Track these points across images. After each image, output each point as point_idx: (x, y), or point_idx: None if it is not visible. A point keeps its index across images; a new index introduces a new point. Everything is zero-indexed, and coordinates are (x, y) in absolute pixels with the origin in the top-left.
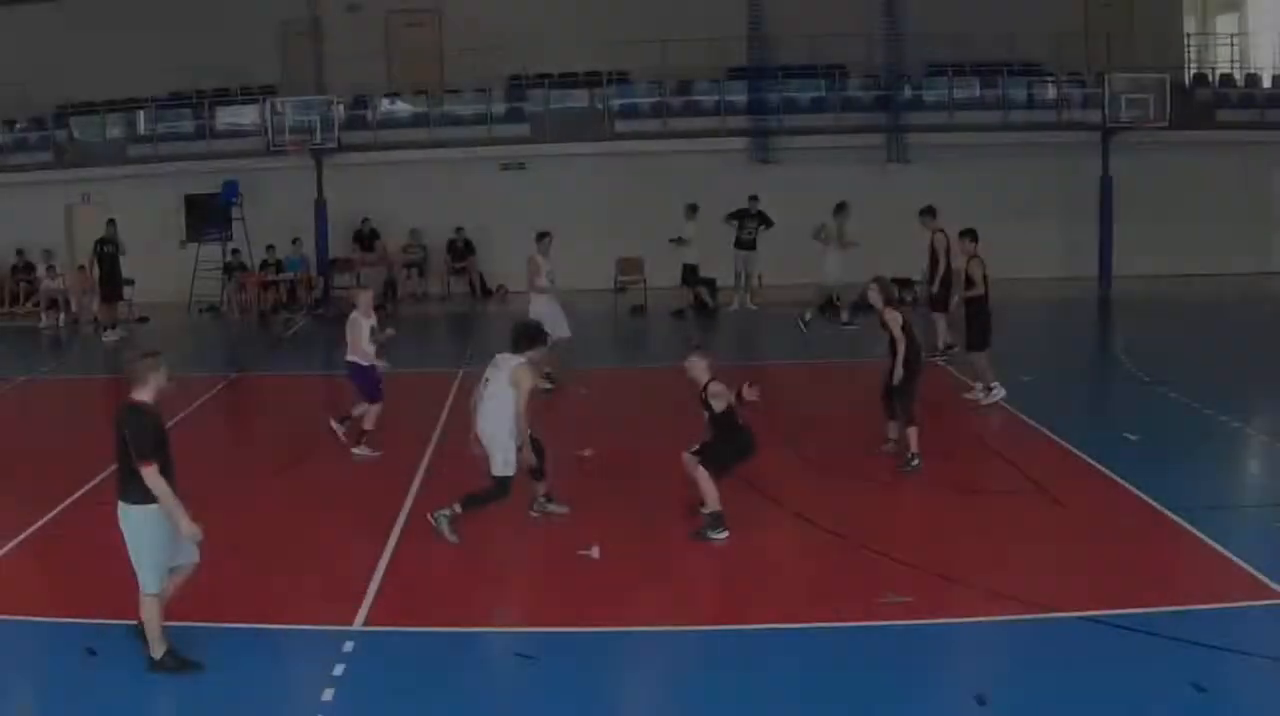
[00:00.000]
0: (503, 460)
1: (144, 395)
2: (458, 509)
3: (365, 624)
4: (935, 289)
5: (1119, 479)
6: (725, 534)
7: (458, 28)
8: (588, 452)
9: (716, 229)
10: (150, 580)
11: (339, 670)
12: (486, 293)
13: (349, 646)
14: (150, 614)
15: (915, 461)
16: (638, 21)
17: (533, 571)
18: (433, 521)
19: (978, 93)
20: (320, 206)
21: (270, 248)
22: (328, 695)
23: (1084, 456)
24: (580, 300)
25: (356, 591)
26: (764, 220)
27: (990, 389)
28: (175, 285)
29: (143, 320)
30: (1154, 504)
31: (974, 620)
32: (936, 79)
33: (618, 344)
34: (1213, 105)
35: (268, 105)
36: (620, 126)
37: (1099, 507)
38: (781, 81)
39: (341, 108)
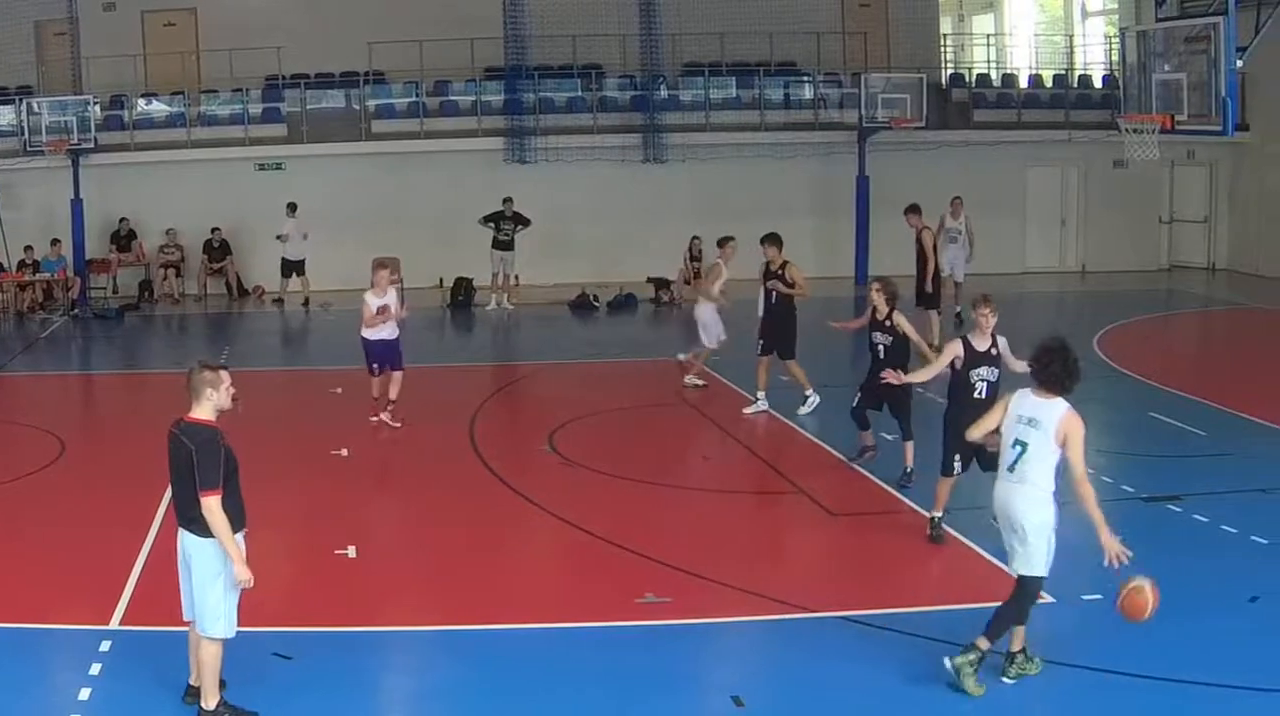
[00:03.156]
0: (1036, 551)
1: (203, 414)
2: (984, 645)
3: (122, 623)
4: (928, 287)
5: (877, 480)
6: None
7: (214, 28)
8: (344, 454)
9: (474, 229)
10: (227, 625)
11: (95, 669)
12: (243, 293)
13: (106, 645)
14: (217, 662)
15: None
16: (394, 22)
17: (291, 571)
18: (953, 670)
19: (734, 93)
20: (76, 207)
21: (28, 248)
22: (84, 694)
23: (841, 456)
24: (338, 301)
25: (113, 590)
26: (520, 221)
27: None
28: None
29: None
30: (912, 504)
31: (732, 620)
32: (693, 79)
33: None
34: (970, 105)
35: (24, 106)
36: (377, 127)
37: (857, 508)
38: (538, 82)
39: (98, 108)
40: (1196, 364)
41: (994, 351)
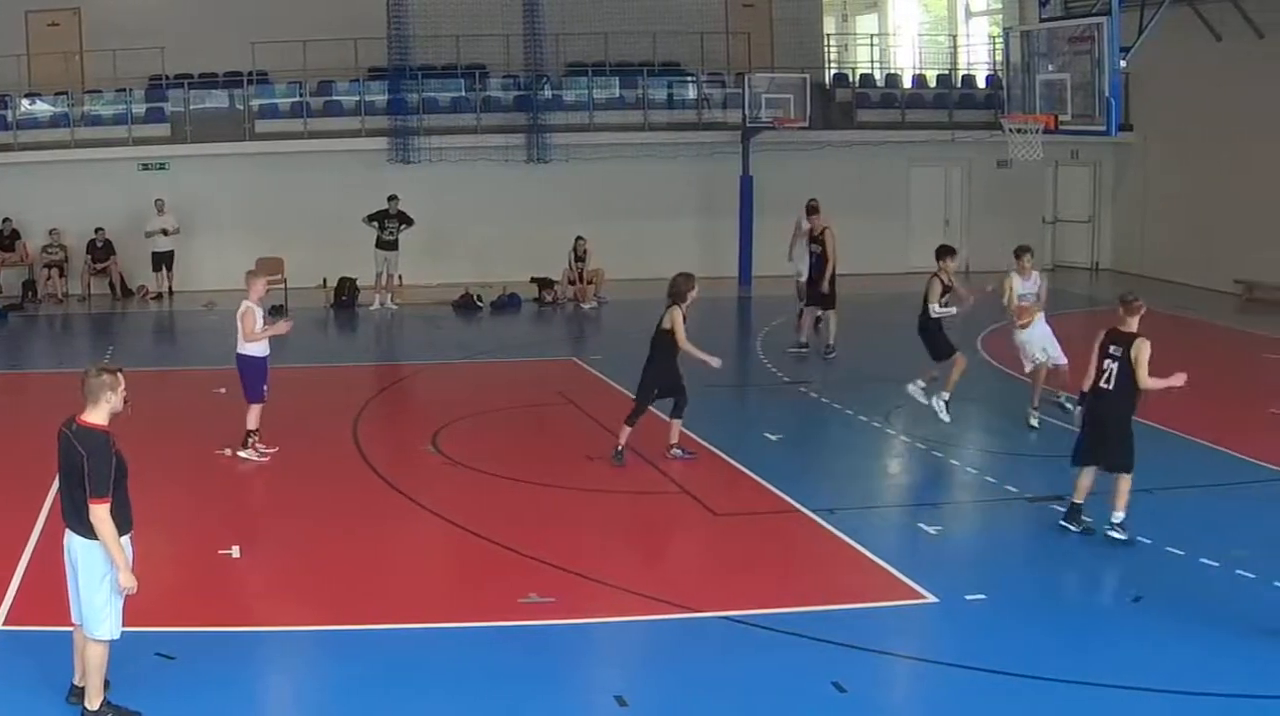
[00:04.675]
0: None
1: (97, 418)
2: None
3: (5, 622)
4: (825, 288)
5: (760, 479)
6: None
7: (98, 27)
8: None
9: (358, 229)
10: (112, 626)
11: None
12: (127, 293)
13: None
14: (102, 663)
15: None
16: (278, 22)
17: (176, 571)
18: None
19: (618, 93)
20: None
21: None
22: None
23: (725, 457)
24: (222, 301)
25: None
26: (404, 219)
27: None
28: None
29: None
30: (795, 504)
31: (615, 620)
32: (577, 79)
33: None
34: (853, 105)
35: None
36: (261, 127)
37: (741, 508)
38: (421, 82)
39: None
40: (1080, 364)
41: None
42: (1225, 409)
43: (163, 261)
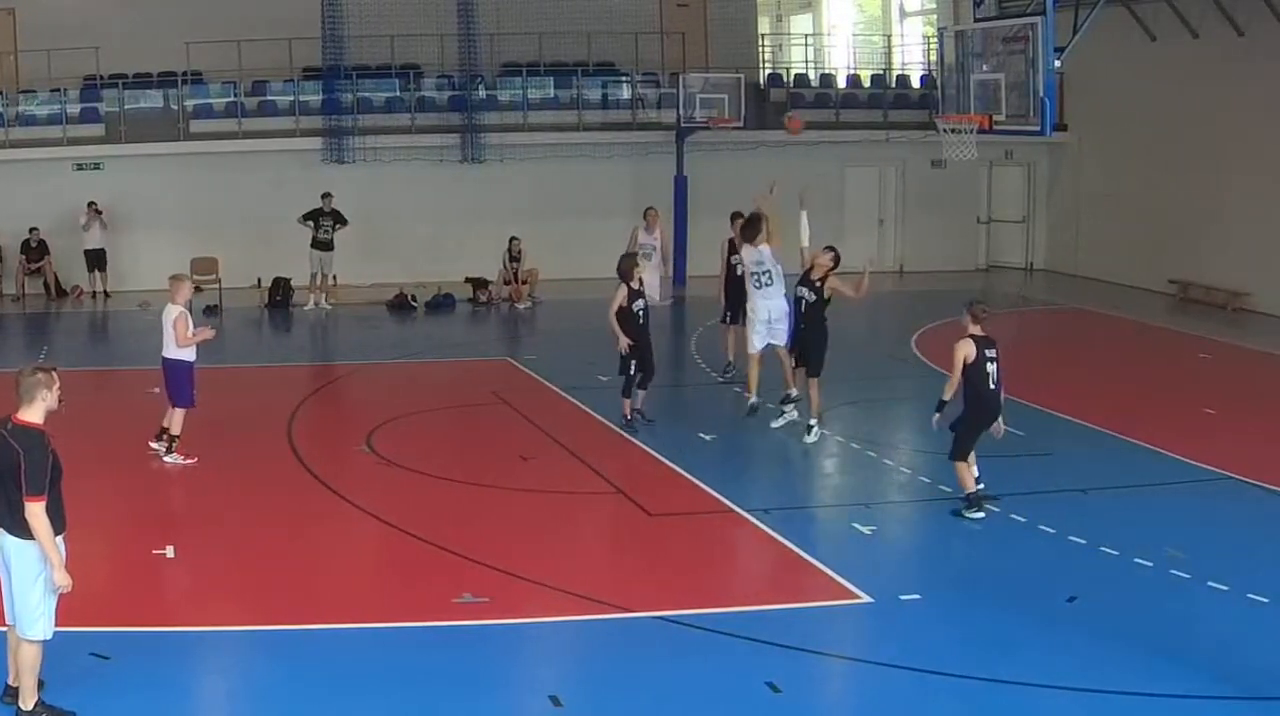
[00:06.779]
0: None
1: (33, 416)
2: None
3: None
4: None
5: (695, 479)
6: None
7: (32, 27)
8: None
9: (292, 229)
10: (45, 626)
11: None
12: (61, 292)
13: None
14: (35, 663)
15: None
16: (212, 22)
17: (110, 570)
18: None
19: (552, 93)
20: None
21: None
22: None
23: (660, 457)
24: (157, 301)
25: None
26: (338, 219)
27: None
28: None
29: None
30: (729, 504)
31: (550, 620)
32: (511, 79)
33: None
34: (788, 105)
35: None
36: (195, 127)
37: (675, 508)
38: (355, 81)
39: None
40: (1014, 364)
41: None
42: (1160, 409)
43: (95, 263)
